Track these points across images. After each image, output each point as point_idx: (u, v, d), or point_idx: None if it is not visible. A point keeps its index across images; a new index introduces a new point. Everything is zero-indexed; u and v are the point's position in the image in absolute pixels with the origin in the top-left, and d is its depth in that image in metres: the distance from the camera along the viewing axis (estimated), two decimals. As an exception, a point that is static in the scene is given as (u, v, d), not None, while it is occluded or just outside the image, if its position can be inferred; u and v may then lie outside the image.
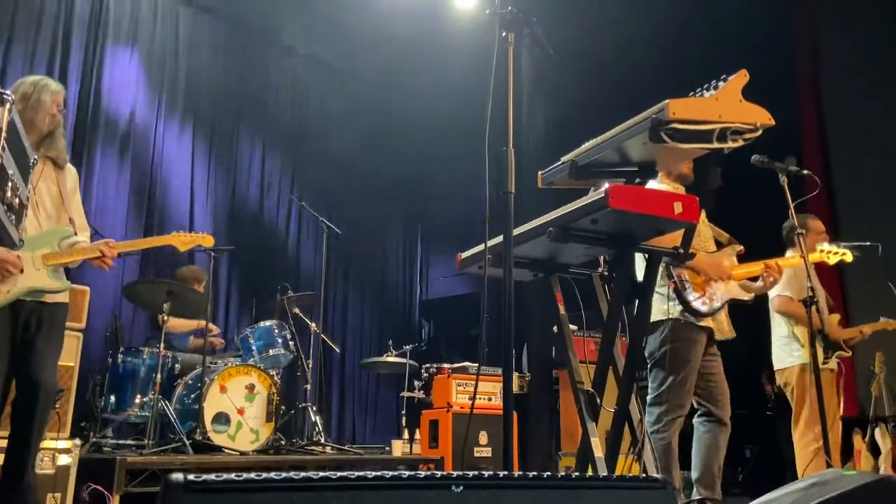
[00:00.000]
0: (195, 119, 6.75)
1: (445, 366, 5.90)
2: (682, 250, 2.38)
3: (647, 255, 2.47)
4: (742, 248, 3.66)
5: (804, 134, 5.77)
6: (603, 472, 2.27)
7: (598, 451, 2.31)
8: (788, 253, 4.40)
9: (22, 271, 2.84)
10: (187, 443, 4.36)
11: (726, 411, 3.48)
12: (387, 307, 8.18)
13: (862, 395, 5.31)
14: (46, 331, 2.91)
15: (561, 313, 2.54)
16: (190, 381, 4.88)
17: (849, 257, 4.19)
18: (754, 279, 3.69)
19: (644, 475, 2.29)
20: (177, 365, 5.04)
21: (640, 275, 2.65)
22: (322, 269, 5.91)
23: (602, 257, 2.64)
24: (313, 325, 5.79)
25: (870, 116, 5.71)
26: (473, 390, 5.69)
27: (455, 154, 7.79)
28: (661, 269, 3.35)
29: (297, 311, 5.66)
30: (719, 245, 3.68)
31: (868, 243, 4.25)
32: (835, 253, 4.17)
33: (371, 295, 8.04)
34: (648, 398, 3.36)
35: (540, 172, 2.66)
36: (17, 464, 2.80)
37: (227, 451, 4.57)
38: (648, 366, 3.39)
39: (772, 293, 4.33)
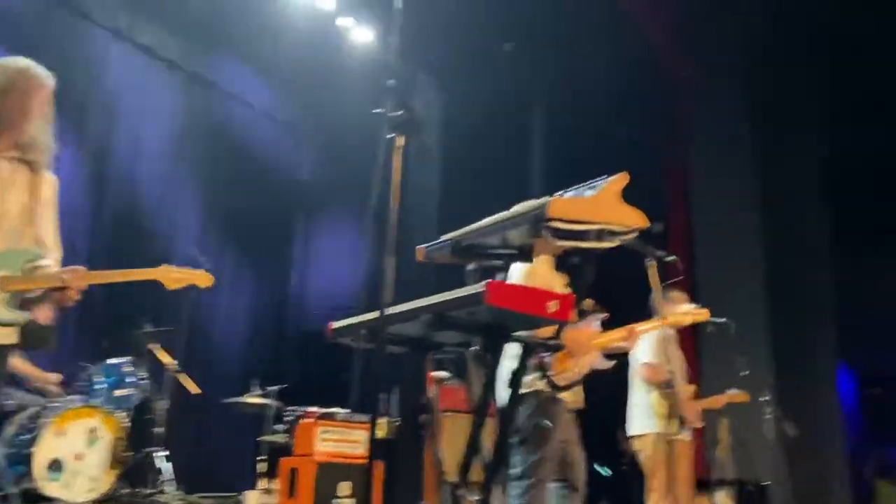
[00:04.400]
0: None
1: (313, 409, 5.69)
2: (554, 342, 2.41)
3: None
4: (607, 314, 3.75)
5: (671, 221, 6.23)
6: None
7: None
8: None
9: None
10: (15, 492, 3.94)
11: (580, 477, 3.55)
12: (254, 344, 7.84)
13: (707, 460, 5.63)
14: None
15: (430, 395, 2.48)
16: (24, 421, 4.43)
17: (703, 317, 4.22)
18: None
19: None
20: (10, 401, 4.56)
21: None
22: (185, 302, 5.58)
23: (477, 337, 2.63)
24: (169, 362, 5.43)
25: (730, 208, 6.29)
26: (338, 438, 5.52)
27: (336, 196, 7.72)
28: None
29: (154, 347, 5.30)
30: (583, 313, 3.76)
31: (724, 320, 4.51)
32: (693, 314, 4.21)
33: (238, 330, 7.69)
34: (512, 471, 3.35)
35: (421, 247, 2.63)
36: None
37: (59, 501, 4.17)
38: (514, 439, 3.39)
39: (637, 360, 4.49)
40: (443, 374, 3.79)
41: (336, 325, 2.63)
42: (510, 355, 2.50)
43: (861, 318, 7.22)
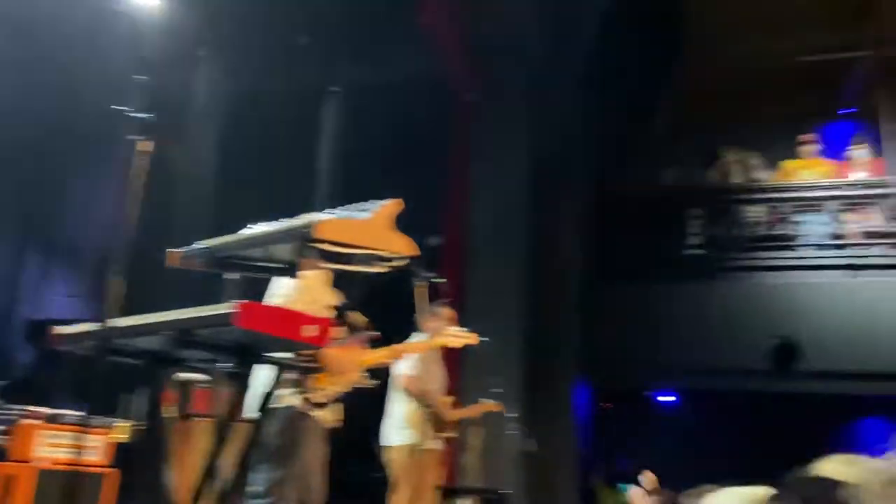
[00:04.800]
0: None
1: (37, 409, 5.01)
2: (310, 364, 2.32)
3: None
4: (378, 334, 3.74)
5: (446, 239, 6.48)
6: None
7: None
8: (415, 337, 4.64)
9: None
10: None
11: (317, 500, 3.46)
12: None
13: (456, 467, 5.85)
14: None
15: (166, 416, 2.26)
16: None
17: (473, 340, 4.42)
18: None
19: None
20: None
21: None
22: None
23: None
24: None
25: (500, 233, 6.73)
26: (65, 443, 4.93)
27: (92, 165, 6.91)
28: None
29: None
30: (353, 328, 3.71)
31: (486, 339, 4.72)
32: (461, 337, 4.39)
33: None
34: (252, 489, 3.18)
35: (173, 251, 2.39)
36: None
37: None
38: (256, 455, 3.22)
39: (399, 371, 4.53)
40: (193, 375, 3.50)
41: (59, 331, 2.32)
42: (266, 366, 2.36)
43: (601, 339, 7.96)
